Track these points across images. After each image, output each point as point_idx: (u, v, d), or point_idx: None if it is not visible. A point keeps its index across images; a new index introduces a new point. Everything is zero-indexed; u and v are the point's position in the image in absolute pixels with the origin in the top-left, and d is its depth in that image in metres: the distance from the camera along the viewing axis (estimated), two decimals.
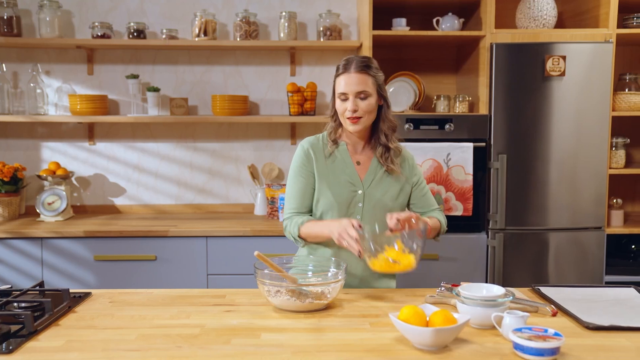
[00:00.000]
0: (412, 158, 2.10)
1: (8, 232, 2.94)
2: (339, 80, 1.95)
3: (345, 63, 1.95)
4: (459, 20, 3.19)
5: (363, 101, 1.92)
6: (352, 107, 1.91)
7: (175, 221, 3.21)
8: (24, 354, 1.36)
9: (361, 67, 1.92)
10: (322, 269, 1.84)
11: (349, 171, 2.00)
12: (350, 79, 1.92)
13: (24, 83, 3.41)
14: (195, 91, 3.51)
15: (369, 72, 1.94)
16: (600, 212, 3.06)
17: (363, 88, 1.91)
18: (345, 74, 1.93)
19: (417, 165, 2.12)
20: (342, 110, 1.94)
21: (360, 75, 1.92)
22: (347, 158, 2.02)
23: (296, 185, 2.02)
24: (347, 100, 1.92)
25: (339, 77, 1.95)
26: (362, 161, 2.03)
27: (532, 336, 1.32)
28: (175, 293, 1.86)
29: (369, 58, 1.97)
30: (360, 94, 1.91)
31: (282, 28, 3.35)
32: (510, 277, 3.03)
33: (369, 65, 1.94)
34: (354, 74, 1.92)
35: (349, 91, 1.91)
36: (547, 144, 3.02)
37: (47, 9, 3.26)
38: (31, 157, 3.48)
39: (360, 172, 2.01)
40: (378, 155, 2.00)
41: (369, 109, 1.93)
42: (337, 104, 1.96)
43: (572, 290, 1.85)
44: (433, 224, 2.00)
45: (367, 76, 1.93)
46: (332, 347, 1.40)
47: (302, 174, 2.01)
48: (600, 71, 3.01)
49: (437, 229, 2.05)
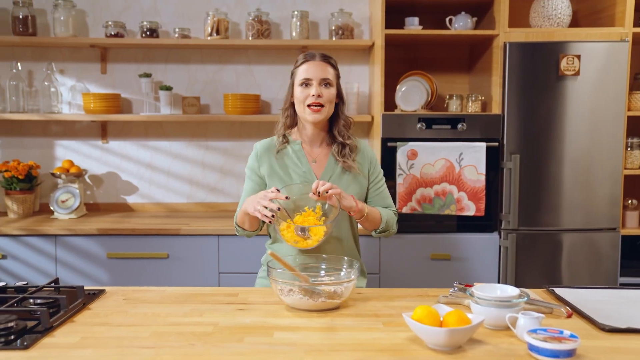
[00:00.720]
0: (374, 155, 2.10)
1: (22, 229, 2.97)
2: (301, 68, 1.96)
3: (306, 54, 1.99)
4: (472, 19, 3.17)
5: (326, 89, 1.93)
6: (317, 92, 1.91)
7: (187, 219, 3.22)
8: (39, 349, 1.37)
9: (324, 56, 1.98)
10: (335, 268, 1.84)
11: (304, 170, 1.98)
12: (314, 66, 1.94)
13: (38, 82, 3.44)
14: (207, 90, 3.52)
15: (331, 62, 1.98)
16: (615, 213, 3.04)
17: (326, 75, 1.94)
18: (308, 62, 1.96)
19: (378, 164, 2.11)
20: (304, 96, 1.93)
21: (323, 64, 1.96)
22: (302, 157, 2.00)
23: (247, 186, 2.06)
24: (311, 86, 1.92)
25: (301, 66, 1.97)
26: (319, 159, 2.01)
27: (548, 338, 1.31)
28: (188, 291, 1.86)
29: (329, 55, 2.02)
30: (324, 81, 1.93)
31: (294, 27, 3.34)
32: (522, 278, 3.01)
33: (330, 57, 2.00)
34: (317, 61, 1.96)
35: (313, 77, 1.92)
36: (561, 144, 3.00)
37: (61, 9, 3.28)
38: (45, 155, 3.51)
39: (316, 170, 1.99)
40: (334, 152, 1.99)
41: (331, 98, 1.95)
42: (298, 92, 1.95)
43: (587, 291, 1.84)
44: (372, 212, 1.95)
45: (330, 66, 1.97)
46: (345, 347, 1.40)
47: (251, 178, 2.04)
48: (616, 70, 2.98)
49: (376, 221, 1.98)
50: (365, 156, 2.05)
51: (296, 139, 2.04)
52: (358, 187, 2.01)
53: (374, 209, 1.97)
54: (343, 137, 1.99)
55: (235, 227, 2.03)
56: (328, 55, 2.01)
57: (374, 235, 2.05)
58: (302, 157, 1.99)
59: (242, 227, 2.00)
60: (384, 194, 2.08)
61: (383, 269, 3.03)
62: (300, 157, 1.99)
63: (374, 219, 1.96)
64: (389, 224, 2.01)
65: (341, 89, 2.01)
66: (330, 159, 2.00)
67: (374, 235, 2.06)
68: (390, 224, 2.03)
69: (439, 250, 3.04)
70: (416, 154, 2.99)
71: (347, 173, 1.99)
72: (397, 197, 2.98)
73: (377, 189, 2.06)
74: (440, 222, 3.06)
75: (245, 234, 2.02)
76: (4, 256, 2.97)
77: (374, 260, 3.00)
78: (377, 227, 2.00)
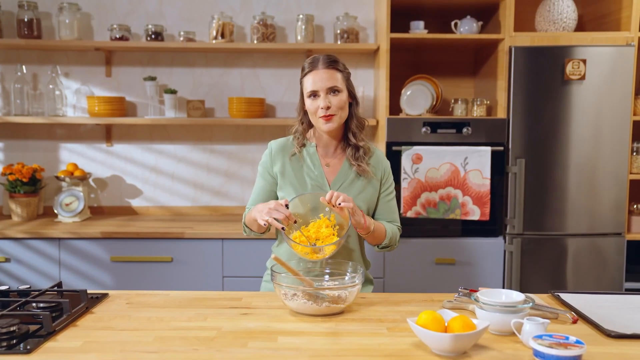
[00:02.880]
0: (388, 165, 2.06)
1: (26, 233, 2.97)
2: (307, 79, 1.90)
3: (311, 61, 1.91)
4: (477, 23, 3.16)
5: (335, 97, 1.88)
6: (325, 103, 1.86)
7: (191, 223, 3.22)
8: (42, 354, 1.37)
9: (328, 62, 1.89)
10: (339, 272, 1.83)
11: (317, 174, 1.96)
12: (319, 76, 1.87)
13: (43, 85, 3.45)
14: (212, 93, 3.52)
15: (337, 67, 1.90)
16: (620, 218, 3.02)
17: (333, 83, 1.88)
18: (313, 71, 1.88)
19: (392, 175, 2.07)
20: (314, 109, 1.89)
21: (328, 71, 1.88)
22: (315, 160, 1.98)
23: (258, 184, 2.04)
24: (319, 98, 1.88)
25: (307, 76, 1.91)
26: (332, 164, 1.99)
27: (553, 344, 1.29)
28: (191, 295, 1.86)
29: (334, 55, 1.94)
30: (331, 90, 1.87)
31: (299, 31, 3.34)
32: (527, 283, 3.00)
33: (336, 61, 1.91)
34: (322, 70, 1.88)
35: (319, 88, 1.87)
36: (566, 149, 2.99)
37: (66, 12, 3.29)
38: (50, 158, 3.52)
39: (328, 175, 1.97)
40: (349, 156, 1.96)
41: (341, 105, 1.89)
42: (308, 104, 1.91)
43: (593, 297, 1.82)
44: (377, 229, 1.92)
45: (336, 71, 1.89)
46: (349, 352, 1.39)
47: (263, 176, 2.02)
48: (622, 75, 2.97)
49: (380, 236, 1.95)
50: (380, 163, 2.03)
51: (313, 140, 2.02)
52: (371, 191, 1.98)
53: (379, 225, 1.94)
54: (356, 139, 1.96)
55: (244, 227, 2.02)
56: (333, 57, 1.92)
57: (376, 250, 2.02)
58: (315, 161, 1.97)
59: (250, 228, 1.99)
60: (391, 207, 2.05)
61: (387, 274, 3.01)
62: (314, 161, 1.97)
63: (379, 234, 1.94)
64: (392, 240, 1.99)
65: (353, 88, 1.95)
66: (344, 164, 1.98)
67: (376, 250, 2.03)
68: (394, 241, 2.01)
69: (443, 255, 3.03)
70: (421, 158, 2.98)
71: (361, 179, 1.97)
72: (401, 201, 2.98)
73: (387, 201, 2.03)
74: (445, 226, 3.05)
75: (254, 234, 2.01)
76: (8, 259, 2.97)
77: (379, 265, 2.99)
78: (380, 243, 1.98)
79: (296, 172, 1.97)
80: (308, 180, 1.96)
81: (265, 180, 2.01)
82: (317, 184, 1.95)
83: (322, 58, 1.91)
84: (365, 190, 1.98)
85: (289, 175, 1.97)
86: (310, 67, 1.90)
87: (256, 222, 1.86)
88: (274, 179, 2.00)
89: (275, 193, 2.01)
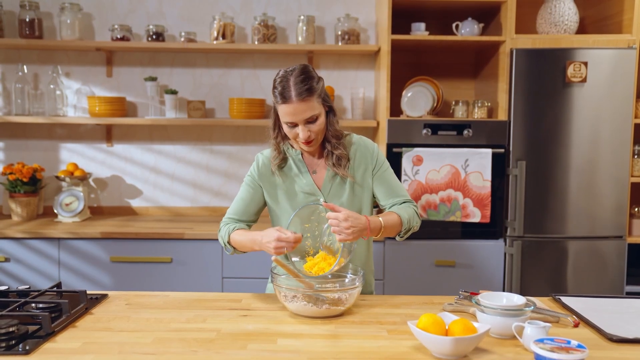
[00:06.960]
0: (374, 147, 1.96)
1: (26, 232, 2.96)
2: (282, 109, 1.78)
3: (282, 90, 1.76)
4: (478, 25, 3.16)
5: (313, 124, 1.80)
6: (305, 135, 1.79)
7: (191, 224, 3.21)
8: (41, 355, 1.36)
9: (301, 92, 1.74)
10: (339, 275, 1.82)
11: (306, 181, 1.92)
12: (294, 109, 1.75)
13: (44, 85, 3.44)
14: (212, 94, 3.52)
15: (311, 93, 1.75)
16: (621, 221, 3.01)
17: (311, 113, 1.77)
18: (286, 104, 1.76)
19: (381, 154, 1.96)
20: (294, 135, 1.83)
21: (303, 103, 1.75)
22: (302, 167, 1.93)
23: (242, 193, 1.97)
24: (297, 127, 1.80)
25: (280, 105, 1.79)
26: (318, 170, 1.94)
27: (555, 348, 1.29)
28: (191, 296, 1.85)
29: (304, 73, 1.77)
30: (309, 119, 1.79)
31: (300, 32, 3.34)
32: (528, 286, 2.99)
33: (309, 87, 1.75)
34: (296, 103, 1.74)
35: (296, 120, 1.78)
36: (567, 151, 2.98)
37: (68, 12, 3.29)
38: (50, 158, 3.51)
39: (317, 181, 1.93)
40: (329, 164, 1.91)
41: (321, 128, 1.82)
42: (286, 129, 1.84)
43: (594, 300, 1.82)
44: (389, 222, 1.80)
45: (311, 98, 1.76)
46: (349, 354, 1.38)
47: (251, 185, 1.96)
48: (623, 78, 2.96)
49: (396, 226, 1.83)
50: (365, 153, 1.95)
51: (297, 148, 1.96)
52: (360, 188, 1.93)
53: (390, 216, 1.84)
54: (333, 148, 1.90)
55: (225, 245, 1.92)
56: (304, 80, 1.75)
57: (398, 239, 1.92)
58: (302, 168, 1.94)
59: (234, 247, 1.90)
60: (393, 184, 1.95)
61: (387, 275, 3.01)
62: (300, 168, 1.94)
63: (393, 225, 1.83)
64: (410, 222, 1.88)
65: (327, 97, 1.86)
66: (329, 169, 1.94)
67: (398, 240, 1.92)
68: (412, 222, 1.89)
69: (443, 257, 3.03)
70: (421, 160, 2.97)
71: (348, 180, 1.94)
72: None
73: (384, 178, 1.94)
74: (445, 228, 3.05)
75: (237, 253, 1.94)
76: (7, 259, 2.97)
77: (379, 266, 2.99)
78: (400, 231, 1.88)
79: (287, 183, 1.94)
80: (298, 188, 1.93)
81: (254, 190, 1.96)
82: (309, 191, 1.92)
83: (293, 86, 1.75)
84: (355, 186, 1.93)
85: (280, 186, 1.94)
86: (283, 99, 1.76)
87: (247, 246, 1.83)
88: (262, 190, 1.96)
89: (260, 204, 1.97)
